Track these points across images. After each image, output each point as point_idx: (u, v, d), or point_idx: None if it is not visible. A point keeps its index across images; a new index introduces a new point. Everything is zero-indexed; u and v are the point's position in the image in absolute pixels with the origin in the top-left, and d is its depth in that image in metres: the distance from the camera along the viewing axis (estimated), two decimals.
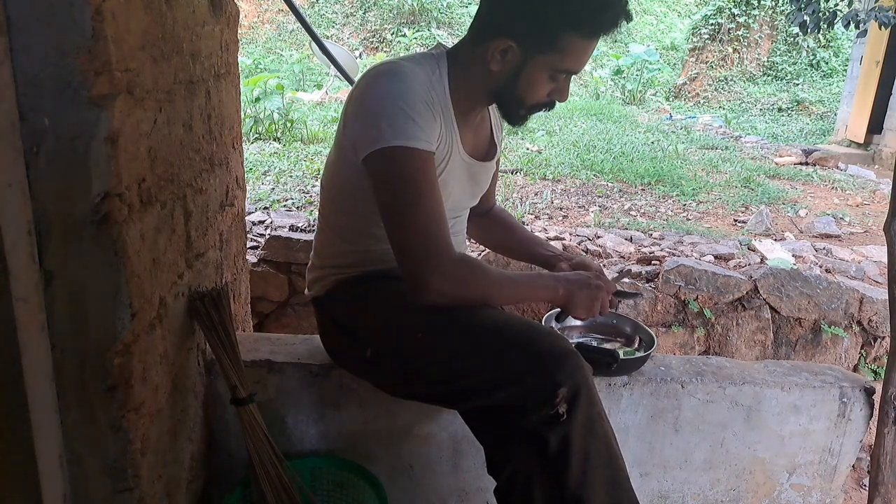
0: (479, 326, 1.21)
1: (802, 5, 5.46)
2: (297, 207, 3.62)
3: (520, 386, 1.15)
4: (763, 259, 3.22)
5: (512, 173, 4.87)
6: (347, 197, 1.33)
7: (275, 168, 4.50)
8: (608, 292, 1.32)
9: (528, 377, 1.14)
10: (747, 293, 2.90)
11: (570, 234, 3.40)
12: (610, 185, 4.79)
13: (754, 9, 11.98)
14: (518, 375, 1.15)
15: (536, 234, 3.33)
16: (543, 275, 1.34)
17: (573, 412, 1.14)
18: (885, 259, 1.87)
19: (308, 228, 3.02)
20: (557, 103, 1.32)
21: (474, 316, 1.23)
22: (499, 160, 1.55)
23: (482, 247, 2.31)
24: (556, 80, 1.25)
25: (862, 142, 8.13)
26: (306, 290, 1.49)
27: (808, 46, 12.02)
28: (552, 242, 3.22)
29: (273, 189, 3.99)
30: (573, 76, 1.28)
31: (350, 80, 3.83)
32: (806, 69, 12.07)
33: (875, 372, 2.92)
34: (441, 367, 1.23)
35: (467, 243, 1.57)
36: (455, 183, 1.34)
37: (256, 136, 5.49)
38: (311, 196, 3.87)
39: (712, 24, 12.16)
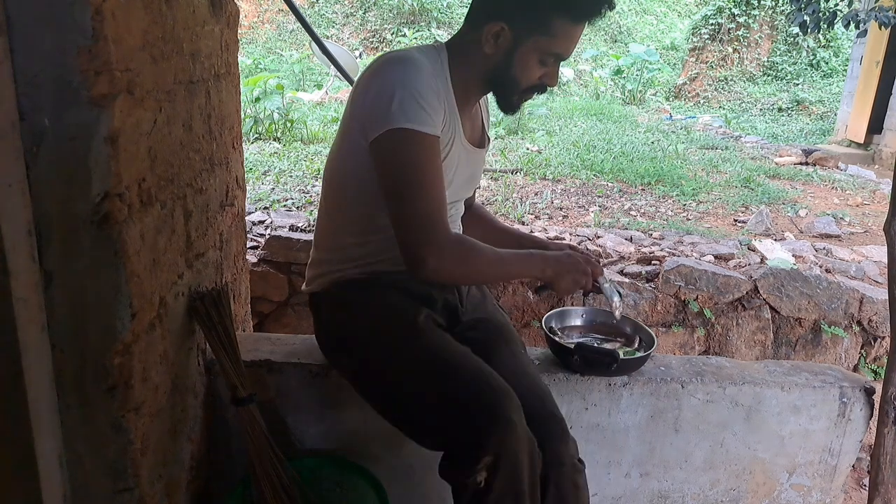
0: (433, 365, 1.25)
1: (802, 5, 5.46)
2: (297, 207, 3.62)
3: (448, 437, 1.19)
4: (763, 259, 3.22)
5: (512, 173, 4.87)
6: (353, 185, 1.34)
7: (275, 168, 4.50)
8: (595, 274, 1.37)
9: (457, 431, 1.17)
10: (747, 293, 2.89)
11: (570, 234, 3.40)
12: (610, 185, 4.79)
13: (754, 9, 11.98)
14: (449, 426, 1.19)
15: (536, 233, 3.33)
16: (535, 255, 1.37)
17: (491, 484, 1.14)
18: (885, 259, 1.87)
19: (308, 228, 3.02)
20: (549, 89, 1.36)
21: (434, 350, 1.27)
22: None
23: None
24: (546, 63, 1.29)
25: (862, 142, 8.13)
26: (304, 286, 1.49)
27: (808, 46, 12.02)
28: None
29: (273, 189, 3.99)
30: (563, 62, 1.33)
31: (350, 80, 3.82)
32: (806, 69, 12.07)
33: (875, 372, 2.91)
34: (392, 396, 1.30)
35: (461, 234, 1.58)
36: (456, 169, 1.36)
37: (256, 136, 5.49)
38: (311, 196, 3.87)
39: (712, 24, 12.16)
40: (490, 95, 1.41)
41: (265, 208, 3.52)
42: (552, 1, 1.21)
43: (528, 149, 5.81)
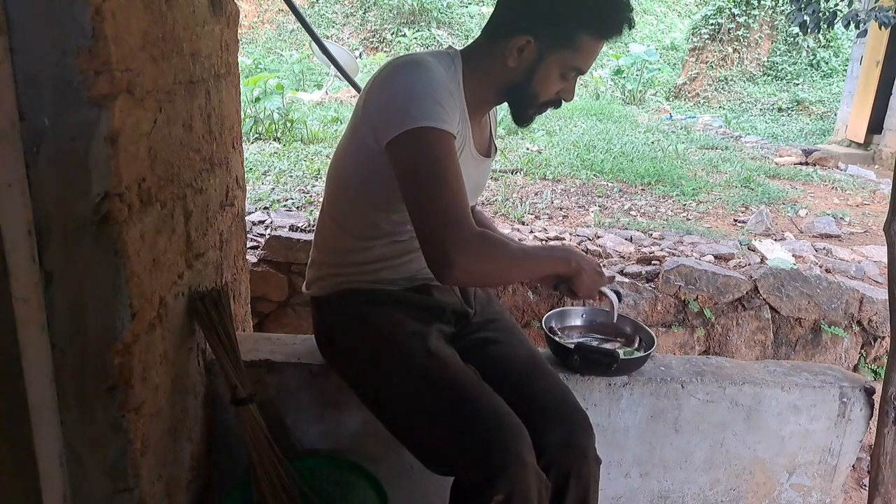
0: (449, 395, 1.24)
1: (802, 5, 5.46)
2: (297, 207, 3.62)
3: (460, 470, 1.19)
4: (763, 259, 3.22)
5: (512, 173, 4.87)
6: (358, 189, 1.33)
7: (275, 168, 4.50)
8: (601, 282, 1.38)
9: (470, 467, 1.17)
10: (747, 293, 2.90)
11: (570, 234, 3.40)
12: (610, 185, 4.79)
13: (754, 9, 11.98)
14: (462, 461, 1.19)
15: (536, 233, 3.33)
16: (558, 248, 1.37)
17: None
18: (885, 259, 1.87)
19: (308, 228, 3.02)
20: (563, 103, 1.36)
21: (449, 380, 1.27)
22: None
23: None
24: (566, 78, 1.30)
25: (862, 142, 8.13)
26: (304, 288, 1.49)
27: (808, 46, 12.02)
28: (552, 242, 3.22)
29: (273, 189, 3.99)
30: (579, 76, 1.34)
31: (350, 80, 3.82)
32: (806, 69, 12.07)
33: (875, 372, 2.91)
34: (403, 419, 1.30)
35: None
36: (464, 178, 1.35)
37: (256, 136, 5.49)
38: (311, 196, 3.87)
39: (712, 24, 12.16)
40: (503, 107, 1.40)
41: (265, 208, 3.52)
42: (580, 17, 1.22)
43: (528, 149, 5.81)
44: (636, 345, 1.68)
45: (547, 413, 1.32)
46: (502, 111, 1.41)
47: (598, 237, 3.38)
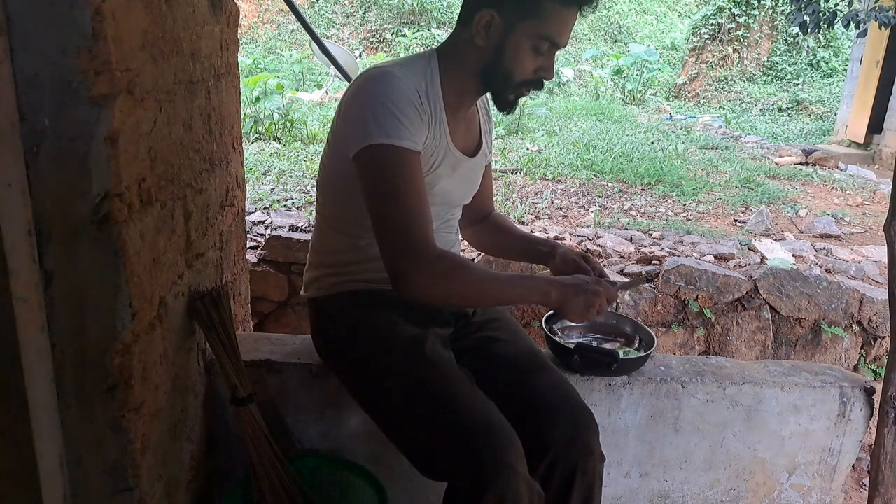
0: (441, 402, 1.24)
1: (802, 5, 5.47)
2: (297, 207, 3.63)
3: (451, 477, 1.19)
4: (763, 259, 3.22)
5: (512, 173, 4.87)
6: (342, 190, 1.34)
7: (275, 168, 4.50)
8: (607, 297, 1.28)
9: (461, 474, 1.17)
10: (747, 293, 2.90)
11: (570, 234, 3.40)
12: (610, 185, 4.79)
13: (754, 9, 11.98)
14: (453, 468, 1.19)
15: (537, 233, 3.33)
16: (536, 277, 1.33)
17: None
18: (885, 259, 1.87)
19: (308, 228, 3.02)
20: (547, 84, 1.32)
21: (442, 386, 1.26)
22: (490, 162, 1.57)
23: (478, 252, 2.32)
24: (539, 51, 1.25)
25: (862, 142, 8.13)
26: (303, 291, 1.50)
27: (808, 46, 12.02)
28: None
29: (273, 189, 3.99)
30: (559, 57, 1.30)
31: (350, 80, 3.83)
32: (806, 69, 12.06)
33: (875, 372, 2.91)
34: (397, 424, 1.30)
35: (461, 242, 1.58)
36: (446, 179, 1.36)
37: (256, 136, 5.49)
38: (311, 196, 3.87)
39: (712, 24, 12.16)
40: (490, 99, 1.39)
41: (265, 208, 3.52)
42: None
43: (528, 149, 5.81)
44: (636, 345, 1.68)
45: (551, 410, 1.32)
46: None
47: (598, 237, 3.38)
